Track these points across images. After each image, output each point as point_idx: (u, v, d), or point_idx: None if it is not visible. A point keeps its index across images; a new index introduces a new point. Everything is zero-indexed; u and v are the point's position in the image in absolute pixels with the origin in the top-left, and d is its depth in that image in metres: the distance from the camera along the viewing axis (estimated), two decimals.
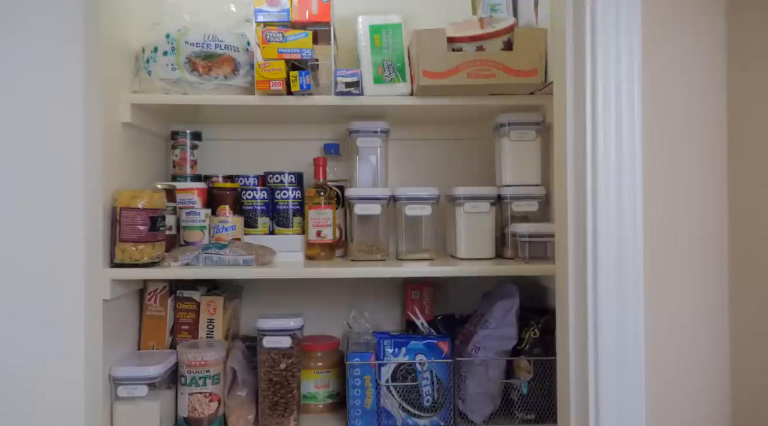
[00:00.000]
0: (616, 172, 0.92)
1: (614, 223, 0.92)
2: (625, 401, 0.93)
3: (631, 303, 0.92)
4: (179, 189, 1.43)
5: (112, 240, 1.23)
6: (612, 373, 0.93)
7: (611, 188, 0.92)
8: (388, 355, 1.32)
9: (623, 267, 0.92)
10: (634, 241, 0.92)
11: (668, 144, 0.94)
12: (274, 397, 1.31)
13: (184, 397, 1.31)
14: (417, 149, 1.66)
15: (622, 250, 0.92)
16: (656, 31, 0.93)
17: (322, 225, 1.40)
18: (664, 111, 0.94)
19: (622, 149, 0.92)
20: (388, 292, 1.66)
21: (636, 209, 0.92)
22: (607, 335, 0.93)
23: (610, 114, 0.92)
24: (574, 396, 0.97)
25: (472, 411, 1.34)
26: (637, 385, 0.93)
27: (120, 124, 1.30)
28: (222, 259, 1.27)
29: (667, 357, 0.94)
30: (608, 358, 0.93)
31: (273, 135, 1.64)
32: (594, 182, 0.93)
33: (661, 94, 0.94)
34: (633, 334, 0.93)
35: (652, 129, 0.93)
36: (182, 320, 1.42)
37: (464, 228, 1.40)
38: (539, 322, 1.36)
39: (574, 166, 0.96)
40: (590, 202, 0.93)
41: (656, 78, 0.93)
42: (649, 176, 0.92)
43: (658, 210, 0.93)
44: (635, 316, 0.92)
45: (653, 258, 0.93)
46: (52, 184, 1.14)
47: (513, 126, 1.39)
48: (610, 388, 0.93)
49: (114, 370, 1.23)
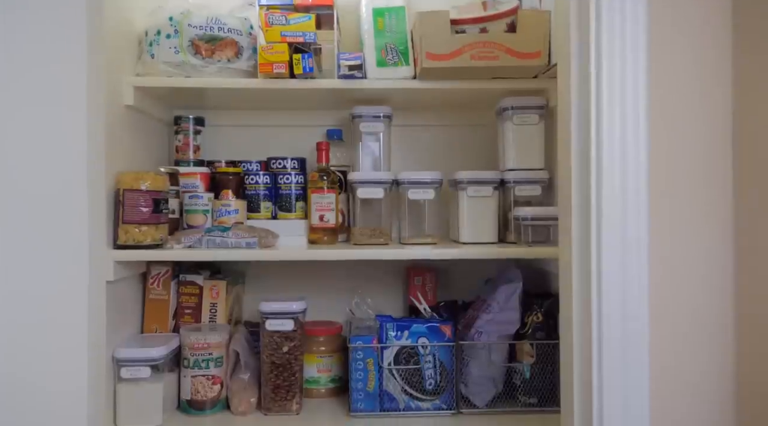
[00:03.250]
0: (620, 155, 0.91)
1: (618, 206, 0.92)
2: (628, 385, 0.92)
3: (635, 286, 0.92)
4: (182, 173, 1.43)
5: (116, 222, 1.23)
6: (616, 356, 0.92)
7: (615, 171, 0.92)
8: (391, 339, 1.32)
9: (627, 250, 0.92)
10: (639, 224, 0.91)
11: (673, 126, 0.93)
12: (276, 379, 1.31)
13: (187, 380, 1.32)
14: (420, 135, 1.66)
15: (626, 234, 0.92)
16: (662, 13, 0.92)
17: (325, 209, 1.40)
18: (670, 93, 0.93)
19: (626, 132, 0.92)
20: (391, 278, 1.66)
21: (640, 192, 0.91)
22: (610, 318, 0.92)
23: (615, 96, 0.92)
24: (577, 379, 0.97)
25: (474, 394, 1.34)
26: (640, 369, 0.93)
27: (123, 107, 1.31)
28: (225, 242, 1.27)
29: (671, 340, 0.94)
30: (612, 341, 0.92)
31: (276, 121, 1.64)
32: (598, 165, 0.92)
33: (667, 75, 0.93)
34: (637, 317, 0.92)
35: (657, 111, 0.92)
36: (185, 304, 1.42)
37: (467, 212, 1.39)
38: (542, 306, 1.36)
39: (578, 148, 0.95)
40: (594, 186, 0.92)
41: (661, 59, 0.93)
42: (654, 159, 0.92)
43: (663, 192, 0.93)
44: (639, 299, 0.92)
45: (658, 241, 0.92)
46: (54, 165, 1.14)
47: (516, 110, 1.39)
48: (614, 371, 0.92)
49: (117, 352, 1.23)
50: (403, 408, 1.32)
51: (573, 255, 0.96)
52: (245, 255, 1.27)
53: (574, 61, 0.96)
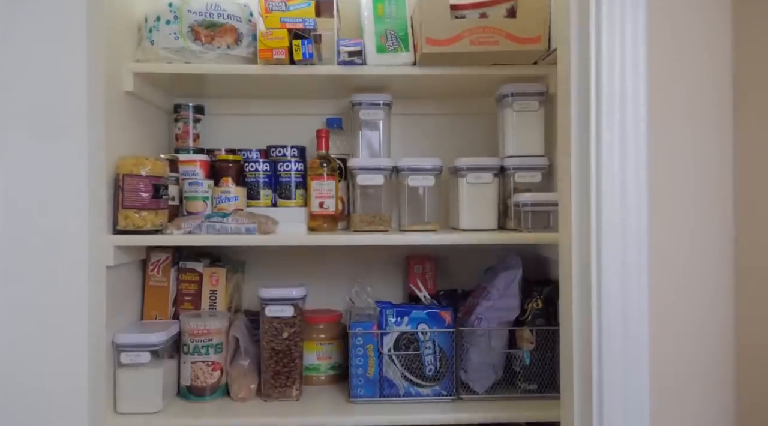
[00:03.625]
0: (620, 141, 0.91)
1: (618, 191, 0.91)
2: (628, 370, 0.92)
3: (635, 270, 0.92)
4: (182, 160, 1.43)
5: (115, 207, 1.24)
6: (615, 341, 0.92)
7: (615, 157, 0.91)
8: (391, 325, 1.32)
9: (627, 235, 0.92)
10: (639, 209, 0.91)
11: (673, 111, 0.93)
12: (276, 366, 1.31)
13: (187, 366, 1.32)
14: (420, 124, 1.66)
15: (626, 219, 0.91)
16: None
17: (325, 196, 1.39)
18: (670, 78, 0.93)
19: (626, 118, 0.91)
20: (391, 267, 1.66)
21: (640, 177, 0.91)
22: (610, 303, 0.92)
23: (615, 81, 0.91)
24: (577, 365, 0.96)
25: (474, 381, 1.34)
26: (641, 355, 0.92)
27: (122, 93, 1.30)
28: (225, 227, 1.27)
29: (670, 324, 0.93)
30: (612, 326, 0.92)
31: (275, 109, 1.63)
32: (598, 151, 0.92)
33: (667, 61, 0.93)
34: (637, 302, 0.92)
35: (657, 96, 0.92)
36: (185, 291, 1.42)
37: (467, 199, 1.39)
38: (542, 292, 1.36)
39: (578, 134, 0.95)
40: (594, 171, 0.92)
41: (662, 46, 0.92)
42: (654, 144, 0.91)
43: (664, 177, 0.93)
44: (639, 283, 0.91)
45: (658, 225, 0.92)
46: (54, 151, 1.14)
47: (516, 96, 1.39)
48: (614, 356, 0.92)
49: (117, 337, 1.23)
50: (403, 394, 1.32)
51: (573, 240, 0.96)
52: (245, 240, 1.27)
53: (574, 46, 0.95)
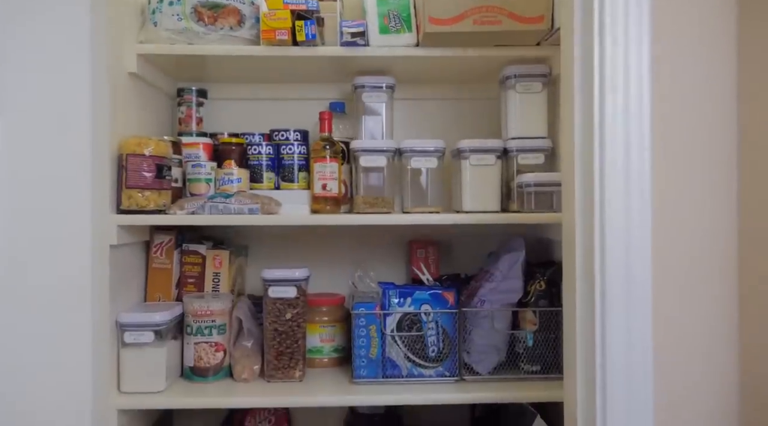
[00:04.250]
0: (623, 121, 0.91)
1: (622, 170, 0.91)
2: (632, 349, 0.92)
3: (638, 249, 0.91)
4: (185, 143, 1.43)
5: (119, 187, 1.24)
6: (619, 322, 0.92)
7: (618, 137, 0.91)
8: (394, 305, 1.32)
9: (631, 215, 0.92)
10: (642, 188, 0.91)
11: (677, 90, 0.92)
12: (279, 346, 1.31)
13: (190, 347, 1.32)
14: (422, 110, 1.66)
15: (629, 199, 0.91)
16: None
17: (328, 178, 1.39)
18: (674, 56, 0.92)
19: (629, 98, 0.91)
20: (394, 252, 1.66)
21: (644, 157, 0.91)
22: (614, 282, 0.91)
23: (618, 61, 0.91)
24: (580, 346, 0.96)
25: (477, 362, 1.34)
26: (644, 334, 0.92)
27: (126, 74, 1.31)
28: (228, 208, 1.27)
29: (674, 302, 0.93)
30: (615, 305, 0.91)
31: (278, 94, 1.64)
32: (601, 130, 0.92)
33: (671, 39, 0.92)
34: (641, 280, 0.92)
35: (661, 75, 0.91)
36: (188, 273, 1.42)
37: (469, 181, 1.39)
38: (545, 274, 1.36)
39: (580, 113, 0.94)
40: (597, 152, 0.92)
41: (666, 24, 0.92)
42: (658, 124, 0.91)
43: (667, 157, 0.92)
44: (643, 262, 0.91)
45: (661, 204, 0.92)
46: (58, 130, 1.14)
47: (519, 78, 1.38)
48: (617, 336, 0.92)
49: (120, 317, 1.24)
50: (406, 375, 1.32)
51: (576, 220, 0.95)
52: (248, 220, 1.27)
53: (577, 26, 0.95)
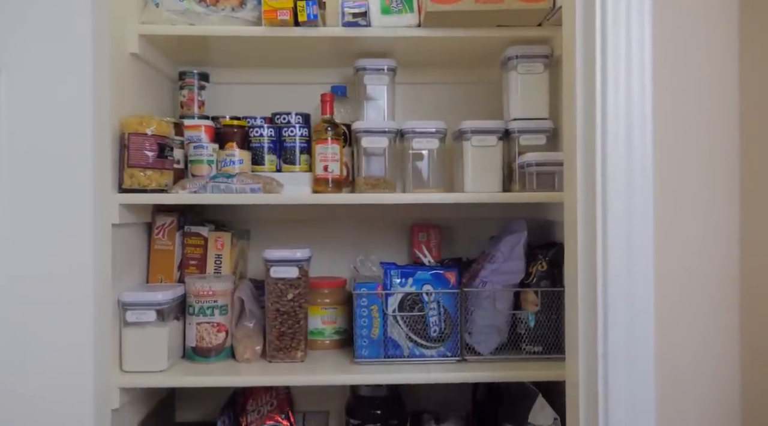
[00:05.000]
0: (625, 101, 0.90)
1: (624, 149, 0.91)
2: (633, 328, 0.91)
3: (640, 227, 0.91)
4: (187, 125, 1.43)
5: (120, 166, 1.24)
6: (621, 302, 0.91)
7: (620, 117, 0.91)
8: (395, 285, 1.32)
9: (633, 193, 0.92)
10: (644, 167, 0.90)
11: (679, 71, 0.92)
12: (281, 327, 1.31)
13: (192, 327, 1.32)
14: (424, 94, 1.65)
15: (631, 177, 0.91)
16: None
17: (329, 160, 1.39)
18: (675, 37, 0.92)
19: (631, 78, 0.91)
20: (395, 236, 1.66)
21: (646, 136, 0.91)
22: (616, 260, 0.91)
23: (620, 39, 0.91)
24: (582, 326, 0.96)
25: (478, 343, 1.34)
26: (646, 312, 0.92)
27: (128, 55, 1.31)
28: (230, 188, 1.27)
29: (676, 278, 0.92)
30: (617, 284, 0.91)
31: (280, 78, 1.64)
32: (603, 111, 0.92)
33: (673, 17, 0.92)
34: (642, 258, 0.92)
35: (662, 55, 0.91)
36: (190, 255, 1.43)
37: (471, 162, 1.39)
38: (547, 255, 1.36)
39: (583, 93, 0.94)
40: (599, 132, 0.92)
41: (669, 5, 0.92)
42: (659, 104, 0.91)
43: (670, 136, 0.92)
44: (644, 240, 0.91)
45: (664, 181, 0.91)
46: (60, 109, 1.14)
47: (521, 59, 1.38)
48: (619, 317, 0.91)
49: (122, 296, 1.24)
50: (408, 355, 1.32)
51: (578, 198, 0.95)
52: (250, 199, 1.27)
53: (579, 5, 0.95)
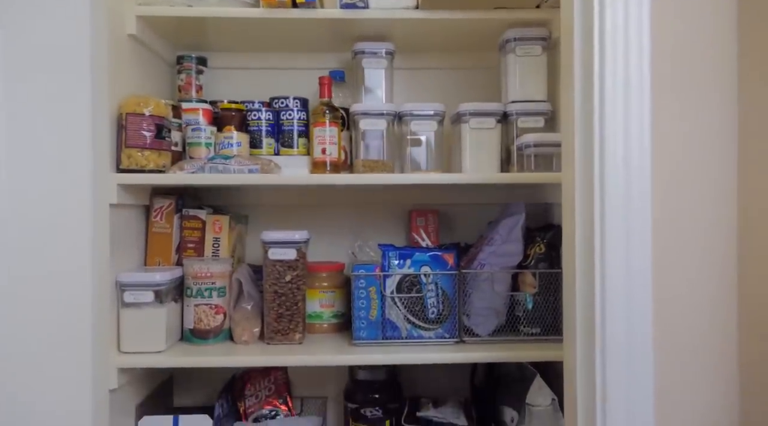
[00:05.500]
0: (623, 83, 0.90)
1: (621, 130, 0.91)
2: (632, 309, 0.91)
3: (638, 210, 0.91)
4: (184, 109, 1.43)
5: (118, 146, 1.24)
6: (619, 282, 0.91)
7: (619, 97, 0.91)
8: (394, 267, 1.32)
9: (631, 174, 0.91)
10: (642, 149, 0.90)
11: (677, 54, 0.92)
12: (279, 309, 1.31)
13: (190, 309, 1.32)
14: (421, 79, 1.65)
15: (629, 158, 0.91)
16: None
17: (327, 143, 1.39)
18: (674, 20, 0.92)
19: (629, 60, 0.91)
20: (393, 221, 1.66)
21: (643, 117, 0.91)
22: (614, 241, 0.91)
23: (618, 21, 0.91)
24: (580, 306, 0.96)
25: (476, 325, 1.34)
26: (644, 293, 0.92)
27: (125, 37, 1.31)
28: (228, 168, 1.27)
29: (674, 259, 0.92)
30: (615, 264, 0.91)
31: (278, 63, 1.64)
32: (601, 91, 0.92)
33: (672, 1, 0.92)
34: (641, 241, 0.92)
35: (660, 37, 0.91)
36: (188, 238, 1.42)
37: (469, 145, 1.39)
38: (545, 237, 1.36)
39: (581, 74, 0.94)
40: (597, 111, 0.92)
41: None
42: (657, 85, 0.90)
43: (666, 118, 0.92)
44: (643, 219, 0.91)
45: (661, 160, 0.91)
46: (57, 88, 1.14)
47: (519, 41, 1.38)
48: (617, 298, 0.91)
49: (120, 276, 1.24)
50: (406, 336, 1.32)
51: (576, 179, 0.95)
52: (248, 179, 1.27)
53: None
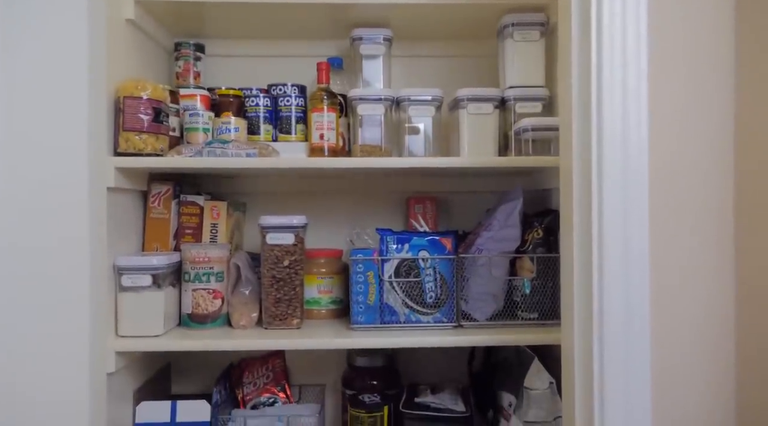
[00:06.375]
0: (621, 65, 0.91)
1: (619, 113, 0.92)
2: (629, 294, 0.92)
3: (635, 196, 0.91)
4: (182, 95, 1.43)
5: (116, 130, 1.24)
6: (616, 265, 0.91)
7: (617, 81, 0.92)
8: (392, 251, 1.32)
9: (628, 156, 0.92)
10: (639, 131, 0.91)
11: (674, 37, 0.92)
12: (277, 293, 1.31)
13: (188, 294, 1.32)
14: (419, 67, 1.65)
15: (626, 140, 0.91)
16: None
17: (325, 128, 1.39)
18: (672, 3, 0.92)
19: (627, 41, 0.91)
20: (391, 208, 1.66)
21: (641, 101, 0.91)
22: (611, 226, 0.91)
23: (616, 6, 0.91)
24: (577, 290, 0.96)
25: (474, 310, 1.34)
26: (641, 276, 0.92)
27: (123, 21, 1.30)
28: (225, 152, 1.27)
29: (671, 242, 0.93)
30: (613, 246, 0.91)
31: (276, 51, 1.64)
32: (599, 75, 0.92)
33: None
34: (638, 220, 0.92)
35: (658, 20, 0.91)
36: (186, 224, 1.42)
37: (467, 130, 1.39)
38: (542, 222, 1.36)
39: (579, 58, 0.94)
40: (595, 95, 0.92)
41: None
42: (654, 69, 0.91)
43: (664, 101, 0.92)
44: (640, 202, 0.91)
45: (658, 144, 0.92)
46: (54, 71, 1.13)
47: (517, 26, 1.38)
48: (615, 282, 0.92)
49: (118, 260, 1.23)
50: (404, 321, 1.32)
51: (573, 162, 0.95)
52: (245, 163, 1.27)
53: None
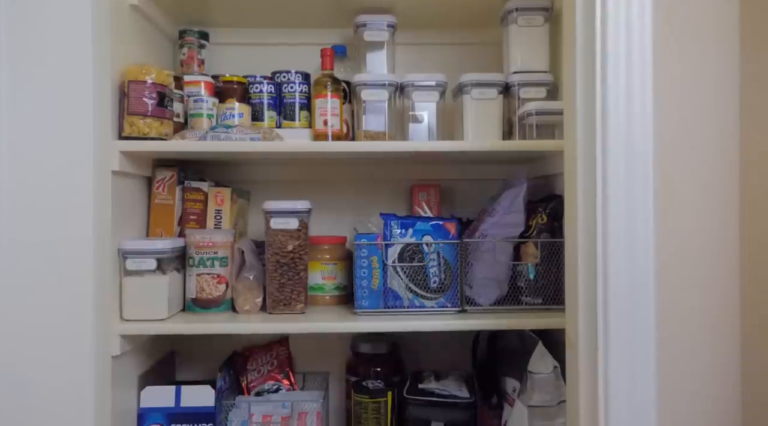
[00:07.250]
0: (625, 50, 0.90)
1: (623, 97, 0.91)
2: (634, 279, 0.91)
3: (640, 178, 0.91)
4: (186, 81, 1.43)
5: (120, 114, 1.24)
6: (621, 250, 0.91)
7: (621, 65, 0.91)
8: (395, 236, 1.32)
9: (632, 139, 0.91)
10: (643, 116, 0.91)
11: (679, 20, 0.91)
12: (281, 278, 1.31)
13: (192, 279, 1.32)
14: (423, 55, 1.65)
15: (631, 126, 0.91)
16: None
17: (329, 114, 1.39)
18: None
19: (631, 25, 0.91)
20: (395, 196, 1.66)
21: (645, 84, 0.90)
22: (616, 210, 0.91)
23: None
24: (582, 274, 0.95)
25: (478, 296, 1.33)
26: (646, 261, 0.92)
27: (128, 6, 1.31)
28: (229, 137, 1.27)
29: (676, 224, 0.92)
30: (617, 230, 0.91)
31: (280, 39, 1.64)
32: (603, 60, 0.92)
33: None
34: (642, 203, 0.92)
35: (662, 6, 0.90)
36: (190, 210, 1.42)
37: (471, 116, 1.39)
38: (546, 207, 1.36)
39: (583, 43, 0.94)
40: (599, 78, 0.92)
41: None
42: (659, 53, 0.90)
43: (668, 83, 0.91)
44: (645, 192, 0.91)
45: (662, 127, 0.91)
46: (59, 55, 1.14)
47: (521, 11, 1.38)
48: (619, 266, 0.91)
49: (122, 244, 1.24)
50: (408, 306, 1.31)
51: (578, 145, 0.95)
52: (249, 147, 1.27)
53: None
